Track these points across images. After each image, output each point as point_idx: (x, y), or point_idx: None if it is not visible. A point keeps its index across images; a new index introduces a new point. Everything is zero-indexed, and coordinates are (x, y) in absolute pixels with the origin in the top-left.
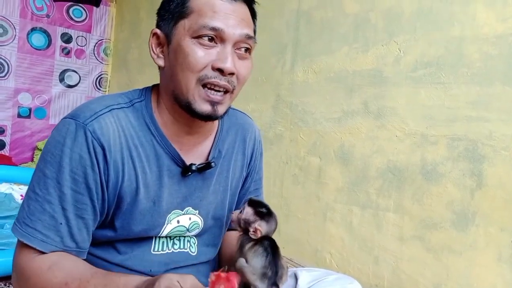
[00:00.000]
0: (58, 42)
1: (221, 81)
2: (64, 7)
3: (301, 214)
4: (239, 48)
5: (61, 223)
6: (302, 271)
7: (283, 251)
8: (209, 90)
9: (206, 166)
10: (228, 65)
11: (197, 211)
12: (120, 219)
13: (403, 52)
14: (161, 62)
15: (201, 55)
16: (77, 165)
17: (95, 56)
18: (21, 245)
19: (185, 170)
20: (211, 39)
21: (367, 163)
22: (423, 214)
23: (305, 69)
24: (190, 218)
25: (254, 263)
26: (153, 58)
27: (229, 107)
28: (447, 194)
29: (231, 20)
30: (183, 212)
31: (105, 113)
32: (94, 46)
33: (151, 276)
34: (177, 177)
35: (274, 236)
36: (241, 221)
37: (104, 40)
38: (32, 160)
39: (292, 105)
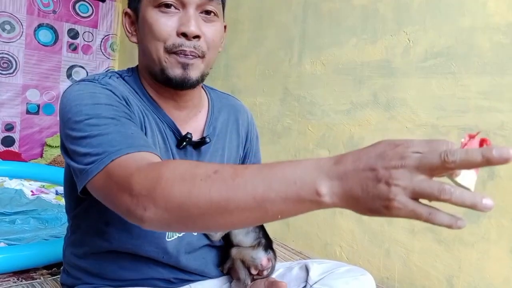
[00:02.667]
0: (65, 38)
1: (188, 47)
2: (71, 3)
3: None
4: (202, 12)
5: (132, 133)
6: (313, 263)
7: (292, 245)
8: (178, 56)
9: (201, 141)
10: (191, 28)
11: None
12: None
13: (413, 43)
14: (134, 39)
15: (164, 22)
16: (110, 99)
17: (102, 52)
18: (116, 168)
19: (181, 140)
20: (171, 6)
21: None
22: (434, 206)
23: (313, 61)
24: None
25: (247, 239)
26: (128, 37)
27: (205, 74)
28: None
29: None
30: None
31: (109, 77)
32: (101, 41)
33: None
34: (173, 150)
35: (283, 230)
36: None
37: (110, 35)
38: (41, 156)
39: (300, 98)
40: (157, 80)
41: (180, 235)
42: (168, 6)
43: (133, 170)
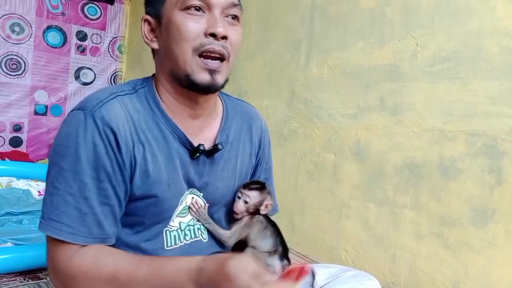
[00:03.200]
0: (73, 40)
1: (216, 46)
2: (79, 5)
3: (316, 211)
4: (227, 16)
5: (85, 213)
6: (319, 268)
7: (298, 248)
8: (206, 59)
9: (214, 149)
10: (220, 29)
11: (202, 194)
12: (136, 203)
13: (420, 47)
14: (155, 45)
15: (192, 24)
16: (92, 153)
17: (110, 54)
18: (53, 243)
19: (194, 152)
20: (199, 9)
21: (383, 160)
22: (441, 211)
23: (320, 65)
24: (192, 197)
25: (264, 244)
26: (147, 44)
27: (227, 79)
28: (466, 190)
29: None
30: (188, 193)
31: (110, 100)
32: (109, 43)
33: None
34: (186, 160)
35: (287, 233)
36: (250, 208)
37: (118, 37)
38: (48, 157)
39: (306, 101)
40: (181, 85)
41: (187, 242)
42: (196, 9)
43: (62, 264)
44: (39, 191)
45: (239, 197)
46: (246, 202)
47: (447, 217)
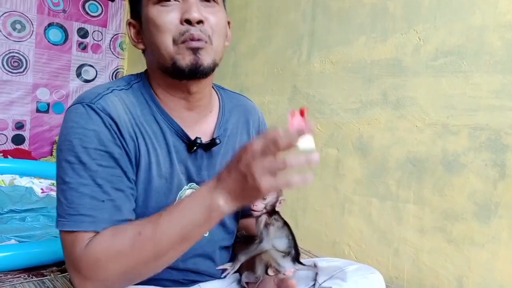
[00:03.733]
0: (74, 37)
1: (195, 32)
2: (80, 2)
3: (318, 206)
4: (202, 0)
5: (103, 201)
6: (322, 261)
7: (300, 243)
8: (188, 43)
9: (212, 143)
10: (194, 14)
11: None
12: (138, 196)
13: (423, 41)
14: (141, 46)
15: (166, 15)
16: (98, 141)
17: (111, 51)
18: (68, 238)
19: (191, 145)
20: None
21: (386, 154)
22: (444, 205)
23: (322, 60)
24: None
25: (280, 244)
26: (135, 46)
27: (216, 63)
28: (469, 185)
29: None
30: (187, 187)
31: (108, 93)
32: (110, 40)
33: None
34: (184, 154)
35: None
36: (268, 205)
37: (119, 34)
38: (51, 154)
39: (309, 96)
40: (170, 76)
41: None
42: (172, 2)
43: (80, 254)
44: (42, 189)
45: None
46: (264, 199)
47: (450, 211)
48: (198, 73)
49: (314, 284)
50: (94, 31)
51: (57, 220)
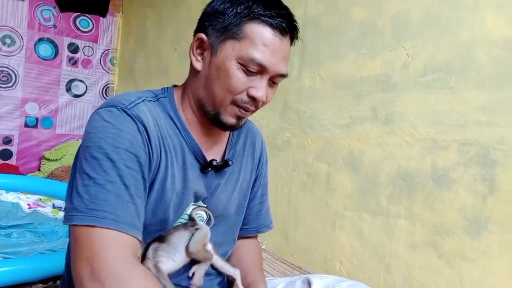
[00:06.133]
0: (65, 52)
1: (251, 106)
2: (71, 18)
3: (309, 222)
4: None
5: (128, 202)
6: (315, 278)
7: (291, 259)
8: (240, 109)
9: (224, 164)
10: (261, 96)
11: (205, 206)
12: (148, 205)
13: (411, 57)
14: (199, 66)
15: (242, 81)
16: (130, 143)
17: (102, 66)
18: (85, 235)
19: (205, 166)
20: (255, 73)
21: (376, 170)
22: (434, 221)
23: (312, 76)
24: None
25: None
26: (191, 60)
27: None
28: (459, 199)
29: (275, 58)
30: (192, 205)
31: (139, 102)
32: (101, 56)
33: None
34: (197, 173)
35: (282, 244)
36: None
37: (110, 50)
38: (39, 170)
39: (299, 112)
40: (206, 115)
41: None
42: (252, 70)
43: (105, 256)
44: (28, 204)
45: None
46: None
47: (441, 226)
48: (231, 130)
49: None
50: (84, 46)
51: (72, 214)
